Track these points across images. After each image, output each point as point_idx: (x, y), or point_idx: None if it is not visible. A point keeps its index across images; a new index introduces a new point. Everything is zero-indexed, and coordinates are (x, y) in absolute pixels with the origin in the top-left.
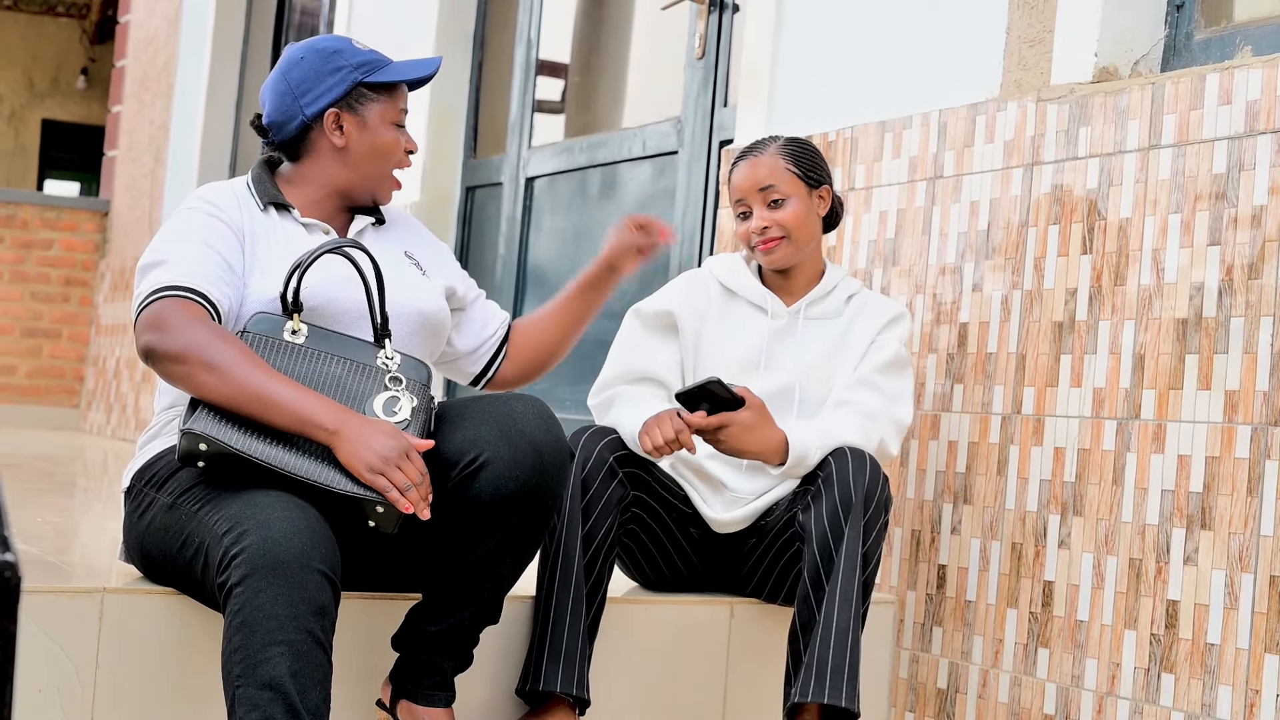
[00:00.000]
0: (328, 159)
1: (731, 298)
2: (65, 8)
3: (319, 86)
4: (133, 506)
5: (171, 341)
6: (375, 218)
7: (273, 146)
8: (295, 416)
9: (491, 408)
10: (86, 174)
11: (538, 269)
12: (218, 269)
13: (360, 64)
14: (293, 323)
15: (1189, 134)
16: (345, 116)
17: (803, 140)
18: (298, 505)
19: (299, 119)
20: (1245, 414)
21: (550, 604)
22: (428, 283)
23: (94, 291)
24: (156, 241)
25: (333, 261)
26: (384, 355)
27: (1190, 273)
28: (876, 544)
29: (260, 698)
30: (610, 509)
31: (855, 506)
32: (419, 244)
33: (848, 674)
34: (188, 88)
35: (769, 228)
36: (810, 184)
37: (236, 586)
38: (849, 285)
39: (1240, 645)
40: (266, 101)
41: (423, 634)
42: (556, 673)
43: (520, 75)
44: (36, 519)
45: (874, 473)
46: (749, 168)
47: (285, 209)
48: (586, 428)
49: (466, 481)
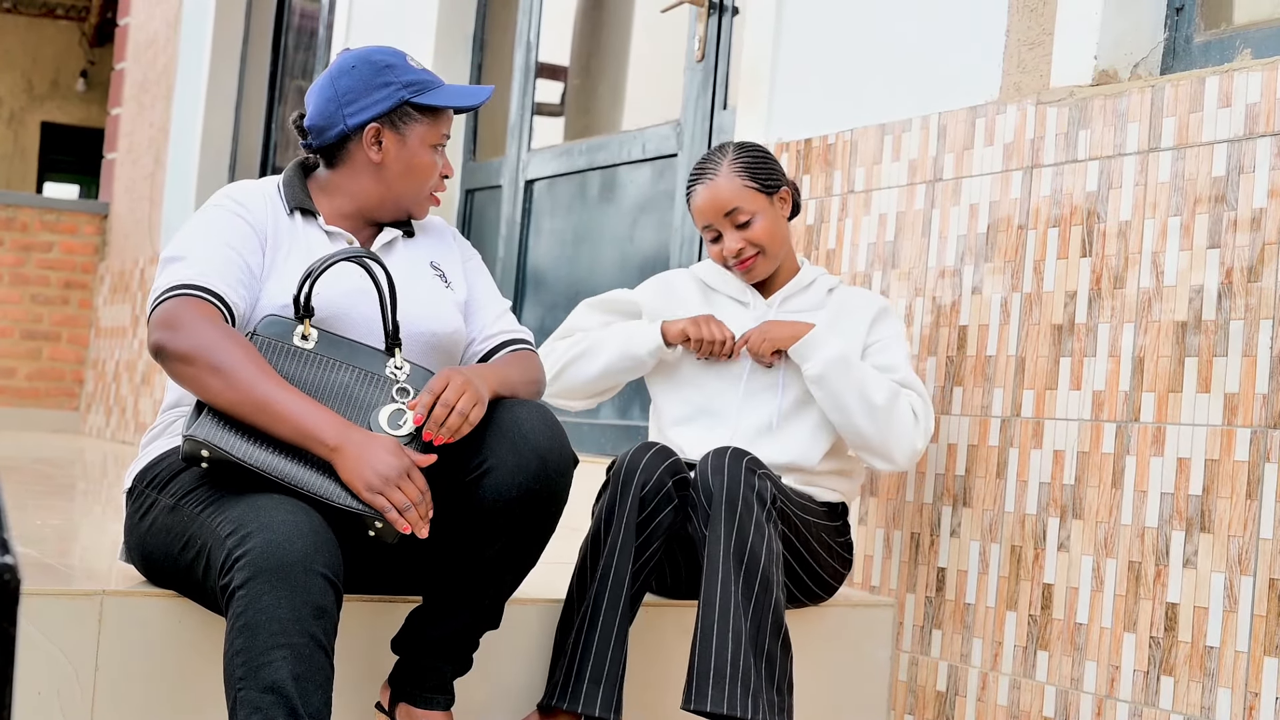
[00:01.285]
0: (362, 172)
1: (712, 293)
2: (65, 10)
3: (366, 98)
4: (134, 507)
5: (181, 341)
6: (405, 230)
7: (310, 150)
8: (297, 429)
9: (496, 414)
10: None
11: (537, 272)
12: (237, 271)
13: (410, 83)
14: (303, 328)
15: (1189, 137)
16: (386, 133)
17: (751, 146)
18: (301, 508)
19: (340, 127)
20: (1245, 417)
21: (596, 623)
22: (448, 296)
23: (93, 294)
24: (180, 236)
25: (349, 273)
26: (393, 365)
27: (1190, 275)
28: (760, 540)
29: (262, 701)
30: (660, 533)
31: (724, 508)
32: (446, 254)
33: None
34: (187, 90)
35: (743, 248)
36: (769, 192)
37: (239, 589)
38: (827, 280)
39: (1240, 648)
40: (311, 103)
41: (423, 637)
42: (596, 694)
43: (520, 78)
44: (36, 521)
45: (733, 471)
46: (708, 192)
47: (311, 215)
48: (649, 445)
49: (471, 487)
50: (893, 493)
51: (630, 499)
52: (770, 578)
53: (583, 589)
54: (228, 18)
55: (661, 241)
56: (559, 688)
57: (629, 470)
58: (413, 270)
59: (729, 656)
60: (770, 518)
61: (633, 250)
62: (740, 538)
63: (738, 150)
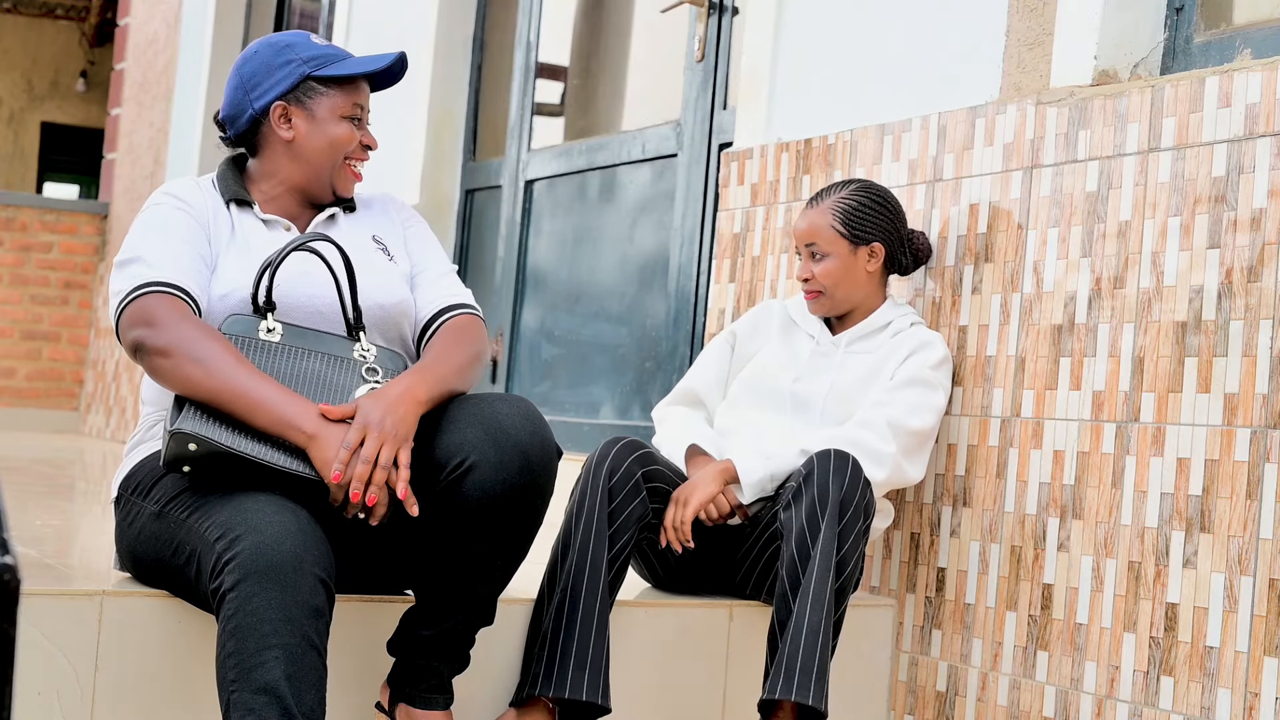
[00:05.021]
0: (279, 153)
1: (793, 327)
2: (64, 10)
3: (268, 80)
4: (122, 515)
5: (159, 336)
6: (344, 205)
7: (228, 142)
8: (276, 418)
9: (476, 410)
10: (86, 177)
11: (537, 272)
12: (194, 264)
13: (311, 58)
14: (267, 322)
15: (1188, 137)
16: (293, 109)
17: (864, 195)
18: (290, 509)
19: (249, 112)
20: (1245, 417)
21: (575, 610)
22: (392, 269)
23: (93, 294)
24: (130, 238)
25: (295, 257)
26: (360, 348)
27: (1190, 276)
28: (854, 550)
29: (255, 702)
30: (631, 523)
31: (831, 508)
32: (388, 226)
33: (816, 673)
34: (187, 91)
35: (810, 279)
36: (855, 242)
37: (230, 592)
38: (900, 323)
39: (1239, 648)
40: (224, 97)
41: (417, 638)
42: (582, 679)
43: (520, 78)
44: (36, 522)
45: (854, 476)
46: (805, 217)
47: (247, 205)
48: (618, 439)
49: (454, 485)
50: (893, 493)
51: (600, 489)
52: (849, 585)
53: (555, 582)
54: (228, 18)
55: (661, 242)
56: (539, 677)
57: (598, 462)
58: (355, 244)
59: (816, 651)
60: (868, 531)
61: (632, 250)
62: (841, 541)
63: (851, 192)
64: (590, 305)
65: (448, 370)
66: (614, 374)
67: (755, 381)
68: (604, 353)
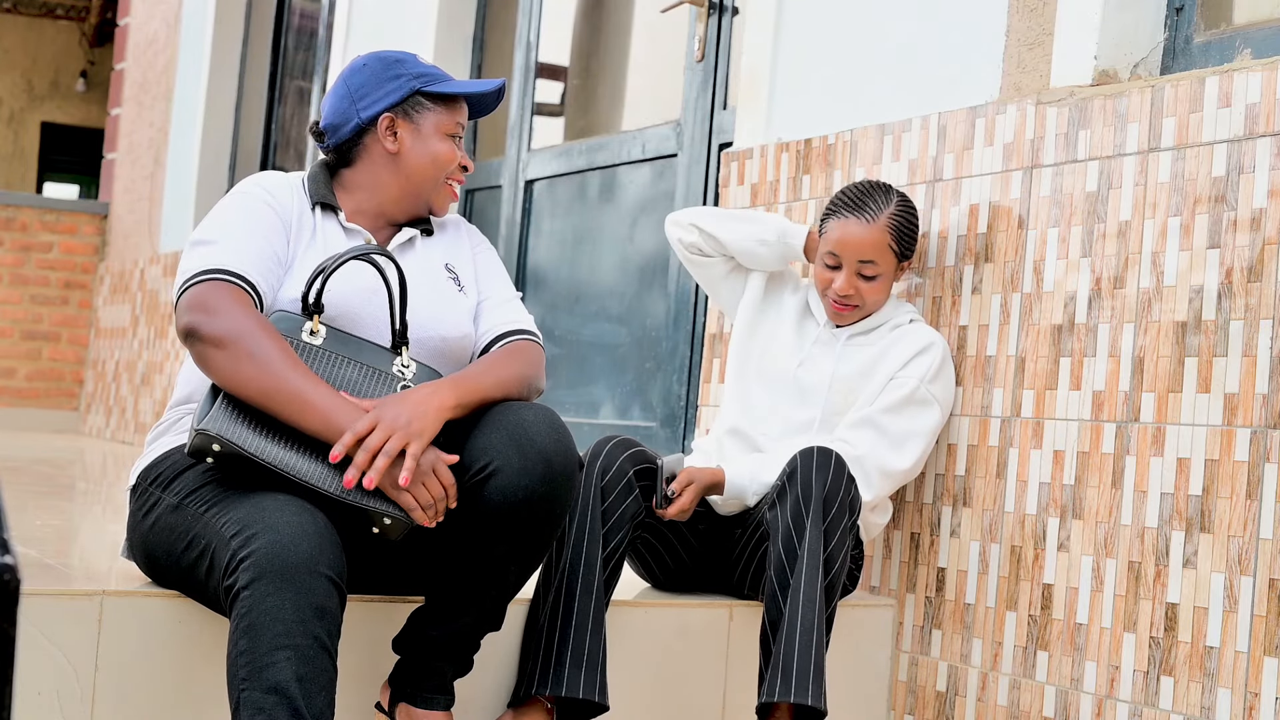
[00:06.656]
0: (380, 165)
1: (807, 317)
2: (64, 10)
3: (377, 91)
4: (137, 504)
5: (216, 325)
6: (423, 228)
7: (328, 151)
8: (327, 422)
9: (502, 417)
10: (86, 177)
11: (537, 272)
12: (266, 259)
13: (420, 74)
14: (311, 324)
15: (1188, 137)
16: (400, 122)
17: (908, 211)
18: (306, 510)
19: (354, 121)
20: (1245, 417)
21: (571, 609)
22: (460, 301)
23: (93, 294)
24: (209, 220)
25: (363, 272)
26: (400, 363)
27: (1190, 276)
28: (840, 546)
29: (265, 701)
30: (625, 521)
31: (815, 505)
32: (460, 253)
33: (813, 673)
34: (187, 91)
35: (851, 295)
36: (900, 258)
37: (244, 590)
38: (899, 318)
39: (1240, 648)
40: (325, 105)
41: (425, 637)
42: (579, 677)
43: (520, 78)
44: (36, 522)
45: (837, 472)
46: (860, 230)
47: (332, 211)
48: (610, 438)
49: (476, 489)
50: (893, 493)
51: (592, 488)
52: (838, 581)
53: (550, 581)
54: (228, 18)
55: (661, 242)
56: (535, 677)
57: (590, 461)
58: (427, 272)
59: (810, 650)
60: (854, 527)
61: (632, 250)
62: (827, 539)
63: (900, 206)
64: (590, 305)
65: (486, 381)
66: (614, 374)
67: (764, 361)
68: (604, 353)
